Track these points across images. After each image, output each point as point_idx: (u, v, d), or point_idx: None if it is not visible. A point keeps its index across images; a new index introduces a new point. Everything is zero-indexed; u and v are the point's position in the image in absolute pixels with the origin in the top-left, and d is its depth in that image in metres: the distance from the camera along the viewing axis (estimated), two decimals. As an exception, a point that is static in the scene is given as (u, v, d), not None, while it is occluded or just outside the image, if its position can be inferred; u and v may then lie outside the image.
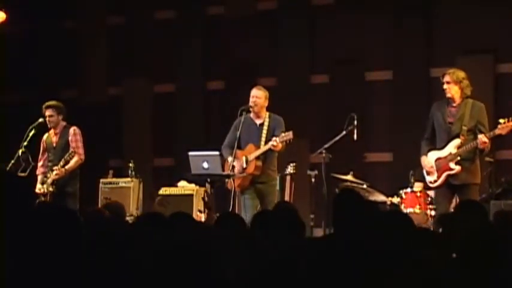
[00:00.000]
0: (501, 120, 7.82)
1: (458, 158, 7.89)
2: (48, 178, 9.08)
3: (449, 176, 7.95)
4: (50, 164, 9.24)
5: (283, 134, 8.41)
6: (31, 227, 2.55)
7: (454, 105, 8.00)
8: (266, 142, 8.62)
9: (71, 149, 9.16)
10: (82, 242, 2.73)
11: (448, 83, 7.99)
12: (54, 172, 9.01)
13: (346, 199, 4.53)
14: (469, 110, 7.93)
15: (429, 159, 8.08)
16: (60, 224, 2.60)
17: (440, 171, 8.00)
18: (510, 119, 7.80)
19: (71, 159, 9.07)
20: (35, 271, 2.53)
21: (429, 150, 8.13)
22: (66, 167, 9.09)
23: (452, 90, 7.97)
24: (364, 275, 3.03)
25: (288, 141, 8.42)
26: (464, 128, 7.89)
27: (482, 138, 7.71)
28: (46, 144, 9.40)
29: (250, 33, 11.93)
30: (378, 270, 3.06)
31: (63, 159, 9.04)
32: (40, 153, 9.44)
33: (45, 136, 9.44)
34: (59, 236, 2.57)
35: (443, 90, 8.01)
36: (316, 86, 11.60)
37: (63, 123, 9.38)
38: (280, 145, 8.41)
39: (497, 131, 7.80)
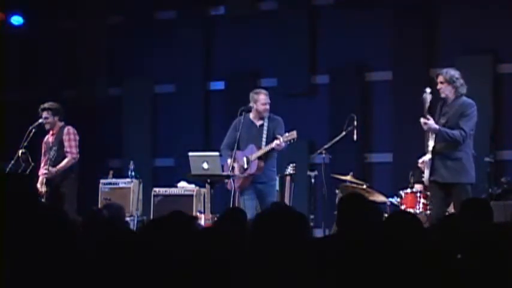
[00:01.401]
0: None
1: (429, 148, 7.88)
2: (45, 170, 9.08)
3: (430, 172, 7.92)
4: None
5: (287, 134, 8.42)
6: (22, 227, 2.55)
7: (447, 104, 8.01)
8: (267, 143, 8.62)
9: (64, 148, 9.15)
10: (76, 242, 2.72)
11: (441, 83, 7.99)
12: (44, 172, 9.02)
13: (352, 205, 4.51)
14: (456, 106, 7.92)
15: (424, 158, 8.09)
16: (47, 225, 2.59)
17: (427, 168, 8.01)
18: None
19: (53, 156, 9.04)
20: (28, 271, 2.52)
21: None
22: (58, 166, 9.08)
23: (446, 90, 7.97)
24: (364, 275, 3.03)
25: (291, 141, 8.43)
26: (443, 121, 7.88)
27: (423, 119, 7.81)
28: (46, 145, 9.41)
29: (251, 34, 11.93)
30: (379, 270, 3.06)
31: (49, 160, 9.04)
32: (42, 155, 9.45)
33: (46, 137, 9.45)
34: (47, 235, 2.56)
35: (438, 90, 8.01)
36: (317, 87, 11.59)
37: (61, 124, 9.36)
38: (283, 145, 8.42)
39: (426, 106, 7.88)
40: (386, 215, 7.50)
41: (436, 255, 3.25)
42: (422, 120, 7.81)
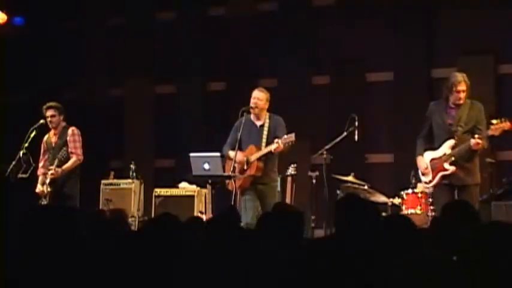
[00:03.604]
0: (493, 121, 7.81)
1: (453, 158, 7.88)
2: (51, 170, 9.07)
3: (444, 176, 7.94)
4: (49, 164, 9.23)
5: (285, 137, 8.39)
6: (29, 228, 2.54)
7: (453, 106, 7.98)
8: (267, 143, 8.60)
9: (69, 149, 9.15)
10: (80, 241, 2.72)
11: (464, 91, 7.92)
12: (50, 172, 9.00)
13: (349, 206, 4.51)
14: (467, 110, 7.92)
15: (425, 160, 8.07)
16: (57, 224, 2.59)
17: (435, 171, 8.00)
18: (502, 119, 7.79)
19: (62, 157, 9.05)
20: (34, 271, 2.52)
21: (425, 150, 8.13)
22: (63, 167, 9.07)
23: (466, 96, 7.95)
24: (362, 275, 3.03)
25: (290, 143, 8.41)
26: (461, 129, 7.88)
27: (476, 140, 7.72)
28: (46, 145, 9.40)
29: (251, 34, 11.93)
30: (376, 270, 3.06)
31: (56, 159, 9.03)
32: (41, 154, 9.44)
33: (45, 137, 9.44)
34: (56, 235, 2.56)
35: (459, 98, 7.89)
36: (317, 87, 11.60)
37: (63, 124, 9.37)
38: (282, 147, 8.40)
39: (490, 132, 7.79)
40: (384, 215, 7.53)
41: (432, 258, 3.25)
42: (477, 141, 7.72)
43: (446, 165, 7.92)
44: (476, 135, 7.77)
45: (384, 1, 11.23)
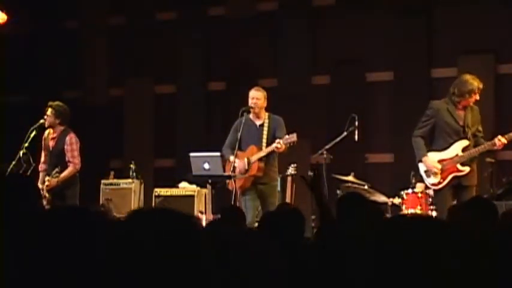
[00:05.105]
0: None
1: (465, 159, 7.86)
2: (46, 181, 9.03)
3: (455, 177, 7.90)
4: (46, 166, 9.21)
5: (287, 136, 8.39)
6: (41, 228, 2.53)
7: (460, 108, 7.94)
8: (267, 143, 8.60)
9: (66, 158, 9.07)
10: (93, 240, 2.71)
11: (479, 94, 7.90)
12: (46, 183, 8.95)
13: (350, 202, 4.51)
14: (469, 113, 7.91)
15: (434, 160, 8.01)
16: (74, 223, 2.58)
17: (446, 172, 7.91)
18: None
19: (55, 173, 8.99)
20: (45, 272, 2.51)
21: (428, 151, 8.09)
22: (60, 176, 9.01)
23: None
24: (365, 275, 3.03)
25: (291, 144, 8.41)
26: (469, 130, 7.88)
27: (503, 141, 7.70)
28: (44, 144, 9.36)
29: (251, 34, 11.94)
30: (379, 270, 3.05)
31: (51, 176, 8.96)
32: (42, 149, 9.40)
33: (46, 133, 9.37)
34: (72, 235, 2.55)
35: (471, 102, 7.87)
36: (317, 87, 11.60)
37: (62, 128, 9.25)
38: (283, 147, 8.40)
39: None
40: (388, 215, 7.54)
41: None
42: (504, 141, 7.74)
43: (460, 166, 7.88)
44: (499, 136, 7.77)
45: (383, 1, 11.23)
